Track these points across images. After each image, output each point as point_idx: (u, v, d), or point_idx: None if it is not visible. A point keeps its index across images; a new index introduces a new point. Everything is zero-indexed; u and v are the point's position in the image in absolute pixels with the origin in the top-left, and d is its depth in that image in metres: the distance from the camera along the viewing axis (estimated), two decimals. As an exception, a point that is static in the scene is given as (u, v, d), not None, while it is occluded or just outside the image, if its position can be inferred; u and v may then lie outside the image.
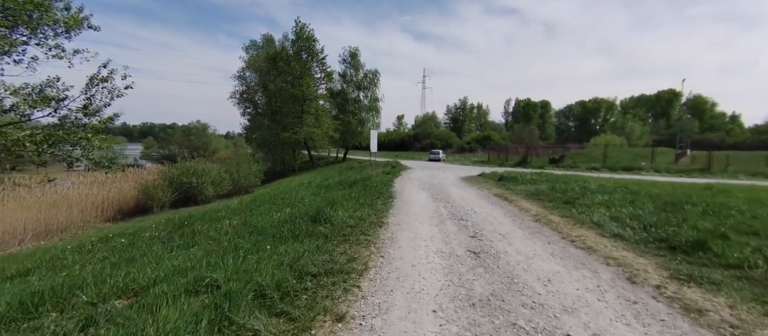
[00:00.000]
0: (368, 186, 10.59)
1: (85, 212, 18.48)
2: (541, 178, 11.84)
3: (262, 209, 7.76)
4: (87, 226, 17.28)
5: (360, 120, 36.71)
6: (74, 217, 17.70)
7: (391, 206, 7.68)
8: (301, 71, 31.20)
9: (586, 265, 3.79)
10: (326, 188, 10.75)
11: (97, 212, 19.05)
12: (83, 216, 18.14)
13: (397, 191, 10.41)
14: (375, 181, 12.05)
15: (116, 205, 20.06)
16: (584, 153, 30.18)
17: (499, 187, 10.79)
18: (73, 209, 17.98)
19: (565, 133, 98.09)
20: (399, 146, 65.58)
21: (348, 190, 10.09)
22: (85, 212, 18.45)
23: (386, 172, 15.64)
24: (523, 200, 8.10)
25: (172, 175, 20.98)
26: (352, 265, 3.78)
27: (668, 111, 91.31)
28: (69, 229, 16.57)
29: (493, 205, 7.81)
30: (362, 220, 5.96)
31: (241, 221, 6.23)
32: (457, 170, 20.69)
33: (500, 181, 12.05)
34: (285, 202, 8.40)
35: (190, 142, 52.91)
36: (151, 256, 4.23)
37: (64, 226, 16.84)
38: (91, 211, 18.77)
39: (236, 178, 24.63)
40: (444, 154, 39.73)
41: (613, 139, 60.65)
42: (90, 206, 18.87)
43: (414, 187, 11.60)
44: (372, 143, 24.54)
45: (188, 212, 11.04)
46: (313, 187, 11.41)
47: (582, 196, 7.76)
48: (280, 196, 10.04)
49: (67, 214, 17.11)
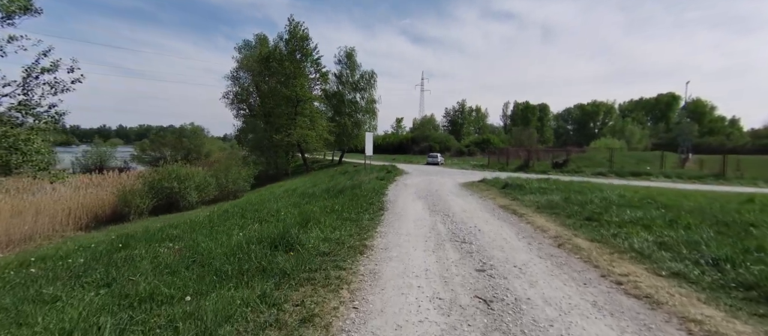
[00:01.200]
0: (357, 195, 9.33)
1: (56, 220, 17.10)
2: (550, 185, 10.61)
3: (227, 225, 6.49)
4: (55, 235, 15.91)
5: (356, 122, 35.48)
6: (42, 226, 16.31)
7: (379, 222, 6.43)
8: (295, 71, 29.98)
9: (657, 333, 2.54)
10: (309, 197, 9.50)
11: (69, 220, 17.67)
12: (53, 224, 16.75)
13: (389, 201, 9.16)
14: (366, 189, 10.80)
15: (92, 211, 18.67)
16: (587, 157, 29.04)
17: (505, 197, 9.55)
18: (42, 217, 16.61)
19: (564, 137, 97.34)
20: (397, 149, 64.35)
21: (333, 199, 8.83)
22: (55, 220, 17.07)
23: (380, 178, 14.39)
24: (535, 215, 6.86)
25: (153, 179, 19.66)
26: (305, 332, 2.53)
27: (668, 114, 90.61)
28: (34, 239, 15.20)
29: (501, 220, 6.57)
30: (340, 245, 4.71)
31: (190, 244, 4.97)
32: (457, 175, 19.47)
33: (505, 189, 10.82)
34: (257, 215, 7.15)
35: (182, 144, 51.51)
36: (24, 309, 2.97)
37: (29, 235, 15.48)
38: (62, 218, 17.39)
39: (224, 182, 23.34)
40: (442, 158, 38.51)
41: (613, 143, 59.64)
42: (62, 213, 17.49)
43: (409, 195, 10.36)
44: (367, 146, 23.30)
45: (144, 226, 9.74)
46: (295, 196, 10.16)
47: (605, 210, 6.53)
48: (256, 206, 8.79)
49: (33, 223, 15.74)
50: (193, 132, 55.97)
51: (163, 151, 51.81)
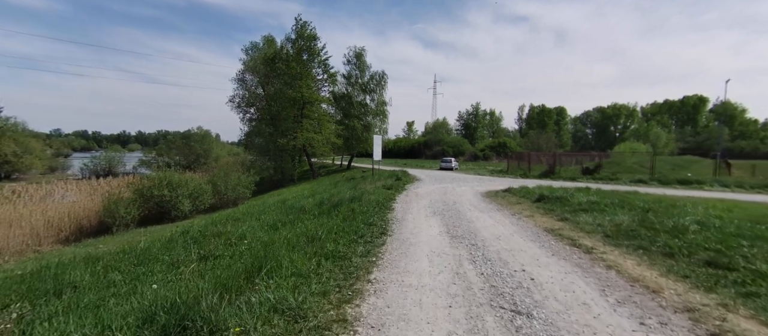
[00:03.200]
0: (355, 211, 7.34)
1: (36, 231, 15.63)
2: (600, 199, 8.38)
3: (170, 254, 4.58)
4: (27, 249, 14.38)
5: (366, 125, 33.57)
6: (21, 237, 14.82)
7: (378, 258, 4.42)
8: (301, 72, 28.33)
9: None
10: (296, 214, 7.57)
11: (52, 231, 16.20)
12: (30, 237, 15.25)
13: (396, 219, 7.13)
14: (369, 201, 8.80)
15: (77, 222, 17.17)
16: (616, 162, 26.30)
17: (546, 214, 7.39)
18: (20, 228, 15.15)
19: (582, 141, 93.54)
20: (408, 154, 62.19)
21: (323, 218, 6.86)
22: (36, 231, 15.61)
23: (387, 187, 12.35)
24: (609, 249, 4.67)
25: (142, 187, 18.12)
26: None
27: (695, 117, 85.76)
28: (4, 254, 13.68)
29: (562, 259, 4.41)
30: (298, 320, 2.69)
31: (92, 303, 3.05)
32: (475, 182, 17.28)
33: (541, 203, 8.65)
34: (211, 245, 5.24)
35: (190, 148, 50.64)
36: None
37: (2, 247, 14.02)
38: (44, 230, 15.93)
39: (222, 189, 21.72)
40: (457, 163, 36.20)
41: (639, 147, 56.02)
42: (44, 224, 16.04)
43: (421, 210, 8.31)
44: (375, 150, 21.34)
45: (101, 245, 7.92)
46: (281, 211, 8.24)
47: (725, 246, 4.31)
48: (222, 225, 6.90)
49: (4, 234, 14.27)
50: (201, 136, 55.23)
51: (172, 156, 51.14)
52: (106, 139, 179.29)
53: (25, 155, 43.71)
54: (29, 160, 44.62)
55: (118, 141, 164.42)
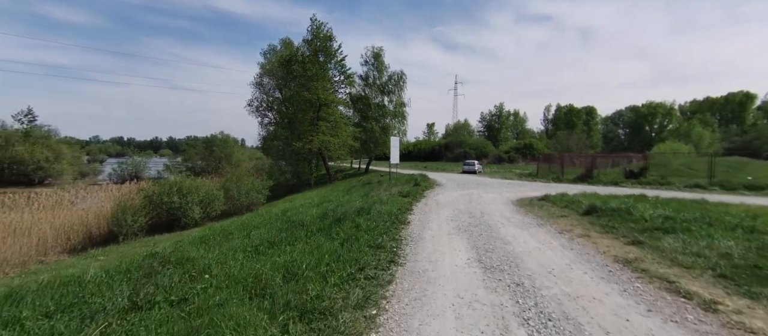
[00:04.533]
0: (361, 227, 5.95)
1: (43, 240, 15.16)
2: (676, 212, 6.57)
3: (102, 297, 3.35)
4: (30, 261, 13.83)
5: (384, 127, 32.25)
6: (26, 247, 14.35)
7: (381, 307, 3.04)
8: (317, 73, 27.38)
9: None
10: (293, 230, 6.28)
11: (61, 240, 15.73)
12: (37, 246, 14.76)
13: (411, 238, 5.71)
14: (380, 213, 7.40)
15: (88, 230, 16.69)
16: (662, 164, 23.59)
17: (603, 232, 5.74)
18: (28, 237, 14.72)
19: (614, 142, 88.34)
20: (429, 156, 60.39)
21: (321, 237, 5.52)
22: (42, 241, 15.15)
23: (404, 194, 10.88)
24: (748, 307, 3.03)
25: (152, 193, 17.48)
26: None
27: (741, 115, 79.05)
28: (4, 266, 13.14)
29: (671, 323, 2.79)
30: None
31: None
32: (504, 188, 15.53)
33: (593, 217, 6.97)
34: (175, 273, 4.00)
35: (211, 153, 51.08)
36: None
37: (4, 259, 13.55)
38: (52, 239, 15.48)
39: (235, 195, 20.92)
40: (480, 166, 34.22)
41: (681, 147, 51.74)
42: (53, 233, 15.59)
43: (443, 225, 6.83)
44: (393, 153, 19.93)
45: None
46: (277, 226, 6.96)
47: None
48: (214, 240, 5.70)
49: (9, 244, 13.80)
50: (222, 141, 55.67)
51: (195, 160, 51.76)
52: (139, 145, 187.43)
53: (57, 161, 45.23)
54: (61, 165, 46.15)
55: (150, 147, 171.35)
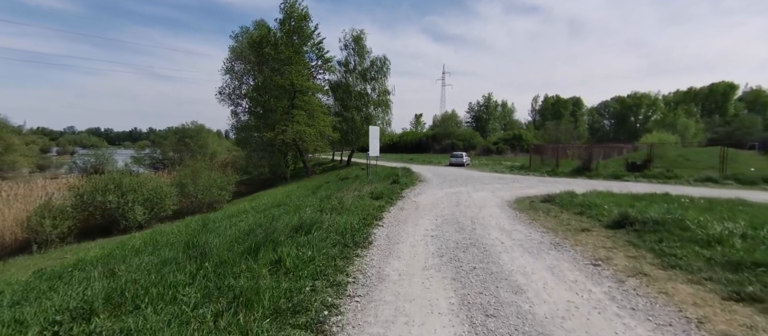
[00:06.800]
0: (281, 269, 3.71)
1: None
2: (753, 226, 4.59)
3: None
4: None
5: (366, 117, 29.89)
6: None
7: None
8: (291, 57, 24.67)
9: None
10: (184, 262, 4.03)
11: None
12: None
13: (364, 279, 3.56)
14: (332, 229, 5.17)
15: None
16: (659, 155, 22.05)
17: (668, 268, 3.77)
18: None
19: (600, 132, 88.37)
20: (416, 148, 58.35)
21: (209, 285, 3.26)
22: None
23: (376, 196, 8.65)
24: None
25: (84, 191, 14.74)
26: None
27: (724, 106, 79.68)
28: None
29: None
30: None
31: None
32: (496, 184, 13.53)
33: (629, 234, 4.92)
34: None
35: (185, 145, 47.61)
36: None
37: None
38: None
39: (192, 192, 18.33)
40: (469, 158, 32.33)
41: (667, 138, 51.02)
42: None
43: (419, 248, 4.71)
44: (372, 144, 17.66)
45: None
46: (163, 255, 4.66)
47: None
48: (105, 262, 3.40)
49: None
50: (195, 131, 52.01)
51: (166, 152, 48.22)
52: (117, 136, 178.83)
53: (7, 152, 41.17)
54: (12, 157, 42.11)
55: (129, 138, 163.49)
